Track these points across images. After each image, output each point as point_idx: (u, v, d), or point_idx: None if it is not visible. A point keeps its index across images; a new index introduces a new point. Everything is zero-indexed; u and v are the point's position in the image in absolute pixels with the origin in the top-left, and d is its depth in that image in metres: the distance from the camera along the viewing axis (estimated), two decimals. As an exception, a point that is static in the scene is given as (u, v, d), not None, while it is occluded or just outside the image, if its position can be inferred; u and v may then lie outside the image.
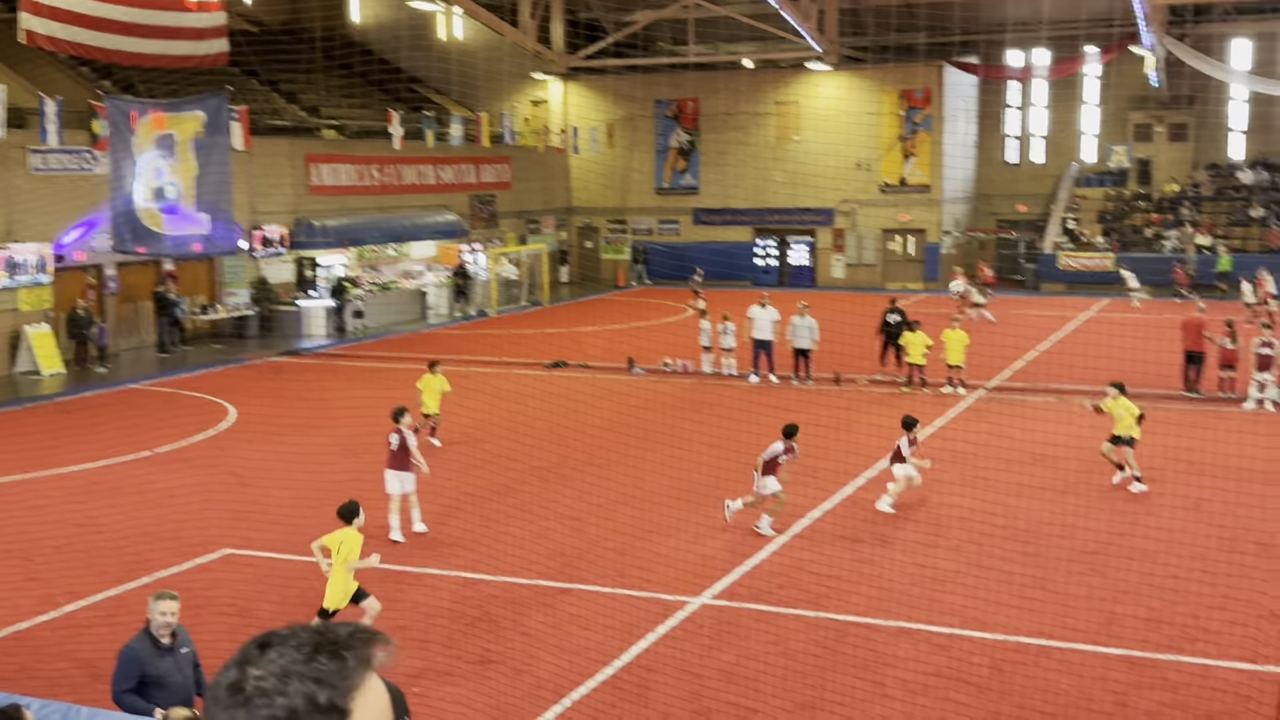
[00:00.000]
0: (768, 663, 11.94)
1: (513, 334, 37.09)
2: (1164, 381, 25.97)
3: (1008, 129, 53.05)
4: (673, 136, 51.90)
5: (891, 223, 49.06)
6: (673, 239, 52.02)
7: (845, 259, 50.00)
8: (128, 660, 8.58)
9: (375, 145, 41.11)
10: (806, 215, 49.93)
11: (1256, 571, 13.93)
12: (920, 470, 17.70)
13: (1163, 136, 50.30)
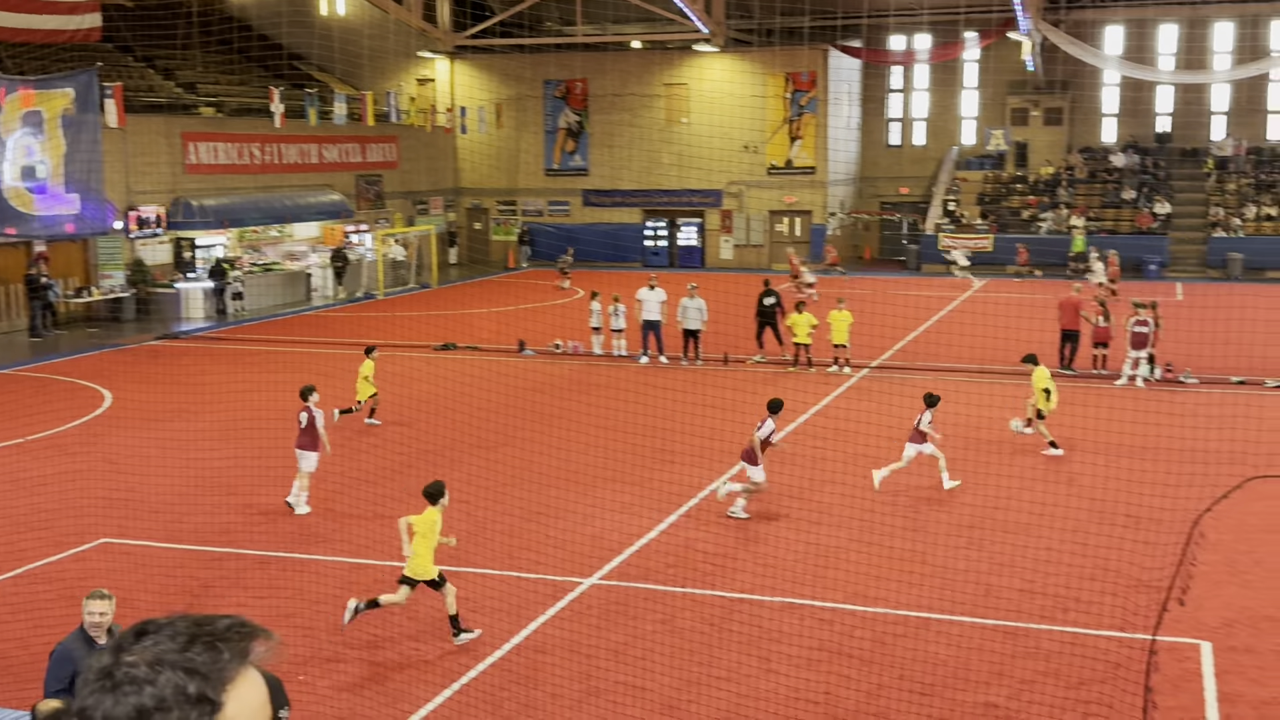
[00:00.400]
0: (657, 641, 12.03)
1: (400, 316, 36.66)
2: (1041, 360, 26.69)
3: (890, 112, 53.94)
4: (561, 117, 51.69)
5: (778, 204, 49.57)
6: (563, 220, 51.87)
7: (733, 240, 50.41)
8: (59, 660, 8.28)
9: (255, 123, 40.19)
10: (695, 197, 50.19)
11: (1127, 543, 14.43)
12: (920, 454, 17.69)
13: (1039, 120, 51.64)
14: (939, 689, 10.90)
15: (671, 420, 21.19)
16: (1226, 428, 19.81)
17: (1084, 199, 48.92)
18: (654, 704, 10.65)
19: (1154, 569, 13.36)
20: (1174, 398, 23.54)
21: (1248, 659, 11.46)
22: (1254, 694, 10.74)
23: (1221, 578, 13.65)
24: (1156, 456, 18.75)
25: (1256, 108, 49.89)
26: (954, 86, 52.86)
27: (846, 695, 10.79)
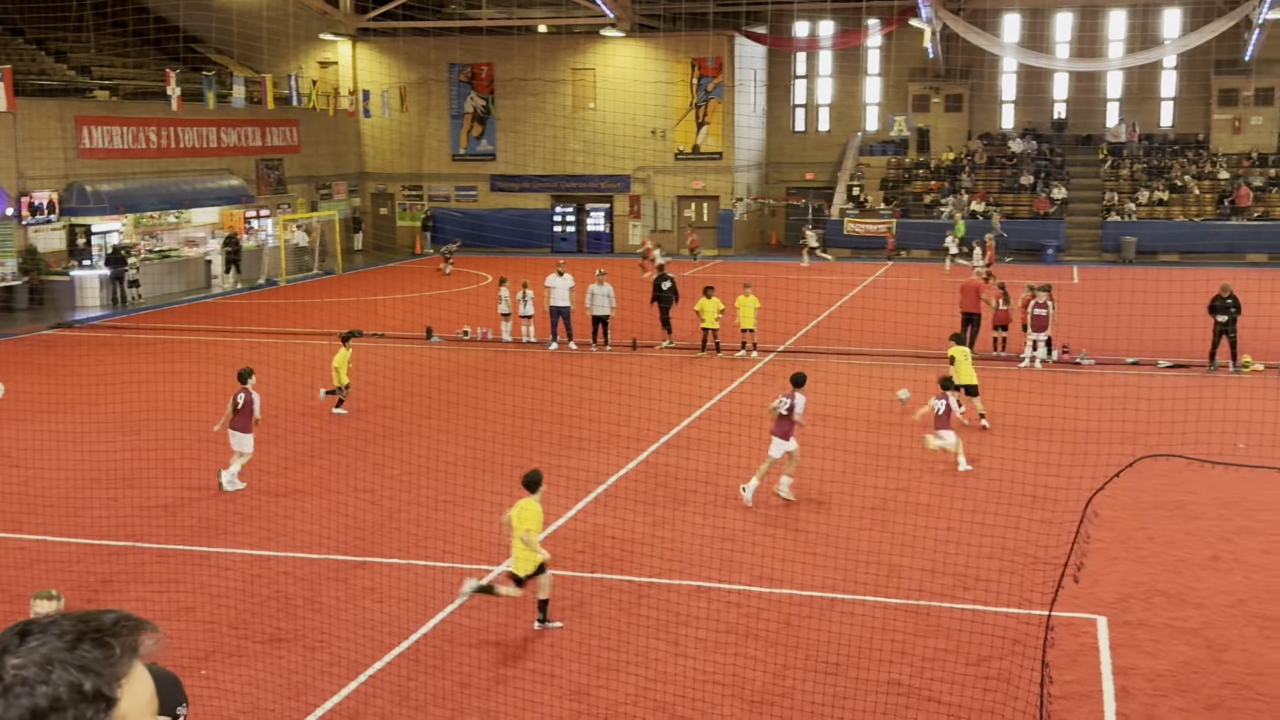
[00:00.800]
0: (567, 627, 12.04)
1: (304, 303, 36.09)
2: (941, 343, 27.21)
3: (796, 98, 54.40)
4: (468, 101, 51.25)
5: (686, 190, 49.74)
6: (470, 206, 51.50)
7: (641, 226, 50.47)
8: None
9: (152, 107, 39.21)
10: (603, 182, 50.15)
11: (1026, 522, 14.78)
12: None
13: (940, 107, 52.49)
14: (844, 668, 11.06)
15: (580, 407, 21.19)
16: (1120, 408, 20.38)
17: (984, 184, 49.86)
18: (564, 690, 10.67)
19: (1051, 547, 13.69)
20: (1070, 379, 24.14)
21: (1141, 632, 11.82)
22: (1148, 666, 11.08)
23: (1117, 554, 14.05)
24: (1053, 436, 19.22)
25: (1149, 95, 51.27)
26: (857, 73, 53.48)
27: (754, 676, 10.91)
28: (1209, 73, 49.36)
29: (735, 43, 48.48)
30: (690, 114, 49.28)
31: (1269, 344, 25.58)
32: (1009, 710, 10.06)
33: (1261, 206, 46.19)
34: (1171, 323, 26.31)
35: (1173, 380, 23.94)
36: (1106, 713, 10.17)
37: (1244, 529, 14.92)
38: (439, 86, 51.22)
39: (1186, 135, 50.73)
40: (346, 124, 49.93)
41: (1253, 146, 49.02)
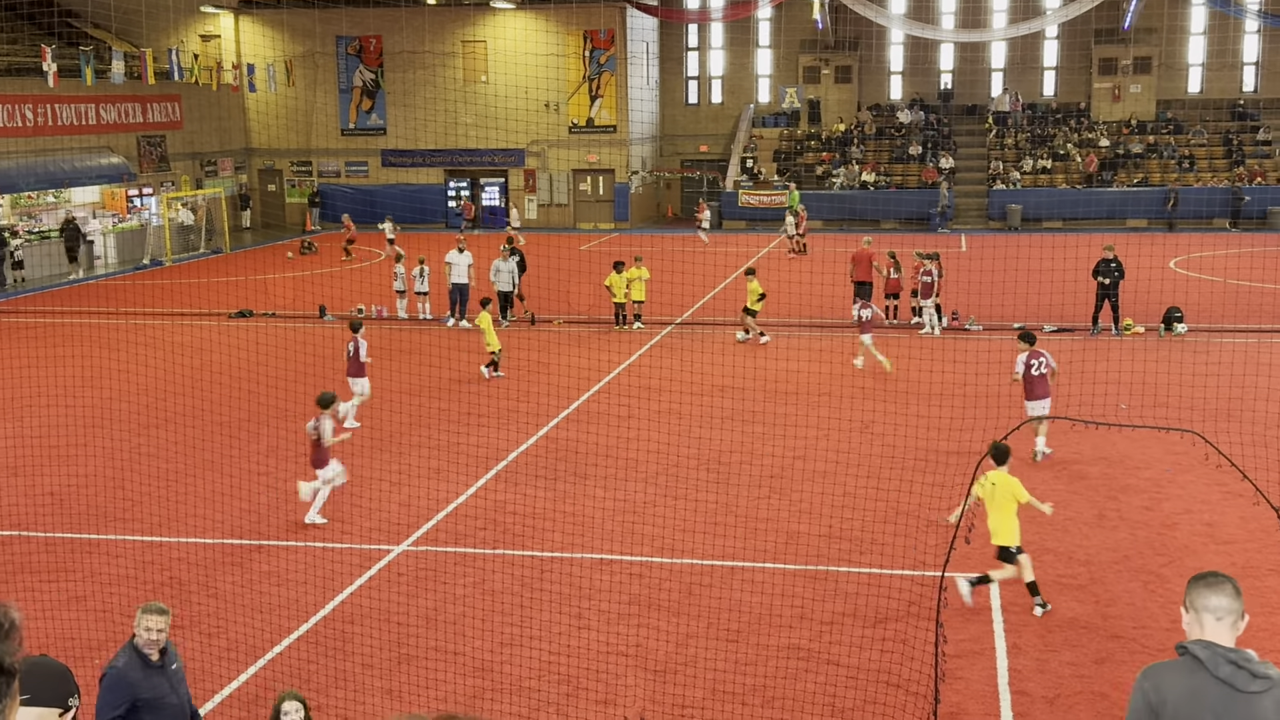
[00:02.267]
0: (470, 604, 12.01)
1: (191, 283, 35.24)
2: (836, 311, 27.62)
3: (689, 71, 54.49)
4: (356, 75, 50.38)
5: (581, 163, 49.59)
6: (362, 182, 50.71)
7: (537, 200, 50.23)
8: (115, 685, 7.31)
9: (27, 83, 37.81)
10: (498, 156, 49.76)
11: (919, 485, 15.10)
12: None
13: (830, 79, 53.01)
14: (746, 634, 11.22)
15: (480, 383, 21.08)
16: (1008, 372, 20.88)
17: (874, 155, 50.55)
18: (467, 667, 10.64)
19: (944, 509, 14.01)
20: (960, 345, 24.65)
21: (1030, 589, 12.16)
22: (1037, 621, 11.42)
23: (1006, 514, 14.42)
24: (944, 401, 19.64)
25: (1031, 65, 52.39)
26: (748, 45, 53.73)
27: (657, 646, 11.00)
28: (1089, 42, 50.60)
29: (627, 15, 48.35)
30: (583, 87, 49.09)
31: (1148, 307, 26.42)
32: (905, 670, 10.30)
33: (1141, 173, 47.57)
34: (1056, 288, 27.04)
35: (1058, 344, 24.58)
36: (999, 669, 10.46)
37: (1127, 487, 15.42)
38: (326, 60, 50.25)
39: (1068, 104, 51.97)
40: (231, 99, 48.74)
41: (1132, 114, 50.41)
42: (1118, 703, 9.80)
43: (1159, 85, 50.73)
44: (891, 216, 47.42)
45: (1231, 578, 4.61)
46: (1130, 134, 49.59)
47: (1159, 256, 36.21)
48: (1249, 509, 13.86)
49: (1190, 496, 14.90)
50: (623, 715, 9.73)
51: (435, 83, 49.27)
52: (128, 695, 7.29)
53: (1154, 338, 25.22)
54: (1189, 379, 19.99)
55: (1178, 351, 23.10)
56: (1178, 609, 11.59)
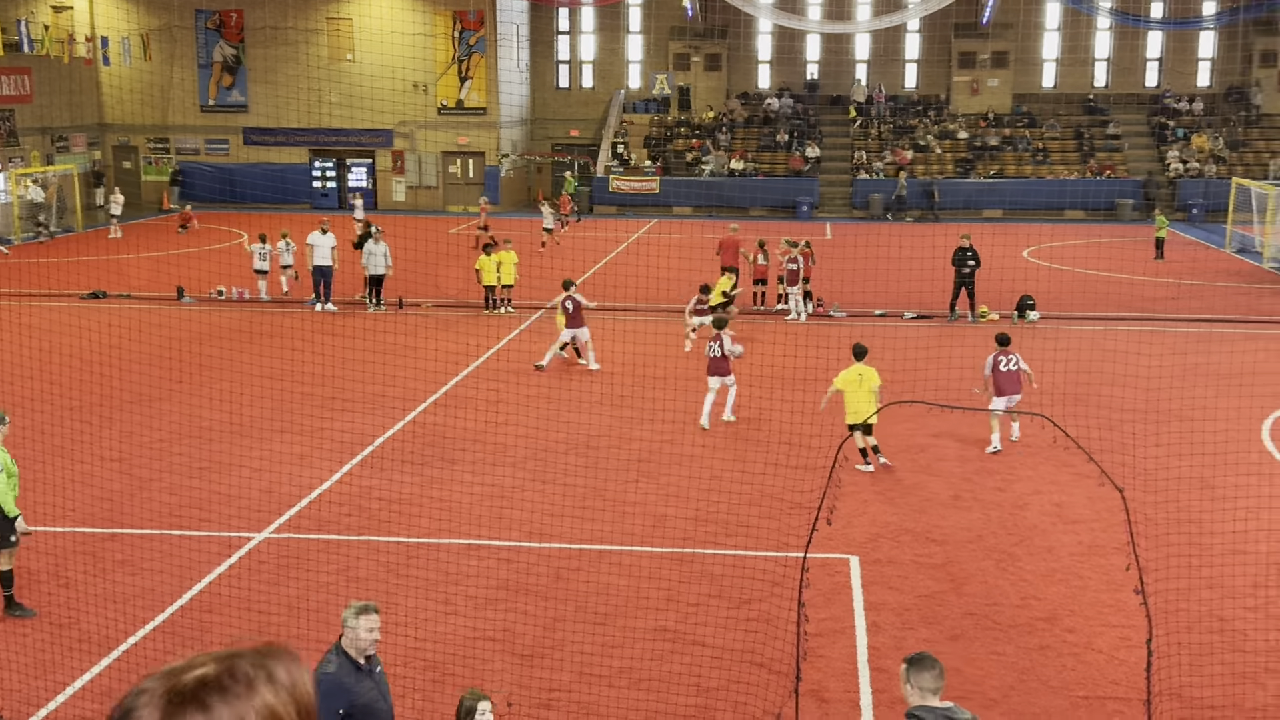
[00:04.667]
0: (334, 592, 11.83)
1: (40, 263, 33.87)
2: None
3: (559, 54, 54.30)
4: (216, 50, 48.94)
5: (451, 145, 49.06)
6: (222, 160, 49.34)
7: (405, 182, 49.55)
8: (332, 690, 6.83)
9: None
10: (364, 137, 48.92)
11: (785, 469, 15.38)
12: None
13: (700, 66, 53.39)
14: (614, 617, 11.29)
15: (346, 367, 20.74)
16: (871, 358, 21.36)
17: (742, 143, 51.11)
18: (333, 655, 10.48)
19: (808, 491, 14.30)
20: (824, 331, 25.13)
21: (890, 569, 12.51)
22: (895, 600, 11.75)
23: (868, 496, 14.79)
24: (809, 386, 19.99)
25: (894, 57, 53.55)
26: (619, 30, 53.77)
27: (525, 630, 11.00)
28: (949, 36, 51.92)
29: (497, -4, 47.96)
30: (453, 68, 48.53)
31: (1003, 295, 27.29)
32: (769, 649, 10.49)
33: (997, 164, 49.03)
34: (915, 275, 27.73)
35: (917, 330, 25.25)
36: (859, 647, 10.73)
37: (981, 469, 15.94)
38: (185, 34, 48.72)
39: (929, 96, 53.27)
40: (84, 73, 46.90)
41: (989, 107, 51.91)
42: (970, 678, 10.14)
43: (1015, 79, 52.33)
44: (760, 204, 48.03)
45: (936, 661, 6.38)
46: (987, 126, 51.07)
47: (1013, 246, 37.43)
48: (1095, 490, 14.45)
49: (1040, 478, 15.47)
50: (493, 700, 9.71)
51: (299, 60, 48.15)
52: (343, 701, 6.85)
53: (1008, 324, 26.06)
54: (1041, 364, 20.72)
55: (1030, 338, 23.90)
56: (1029, 587, 12.04)
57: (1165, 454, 16.23)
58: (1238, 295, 29.65)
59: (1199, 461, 15.94)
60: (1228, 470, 15.54)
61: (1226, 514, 13.97)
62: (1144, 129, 51.32)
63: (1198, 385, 20.03)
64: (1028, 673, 10.26)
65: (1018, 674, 10.24)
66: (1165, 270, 33.82)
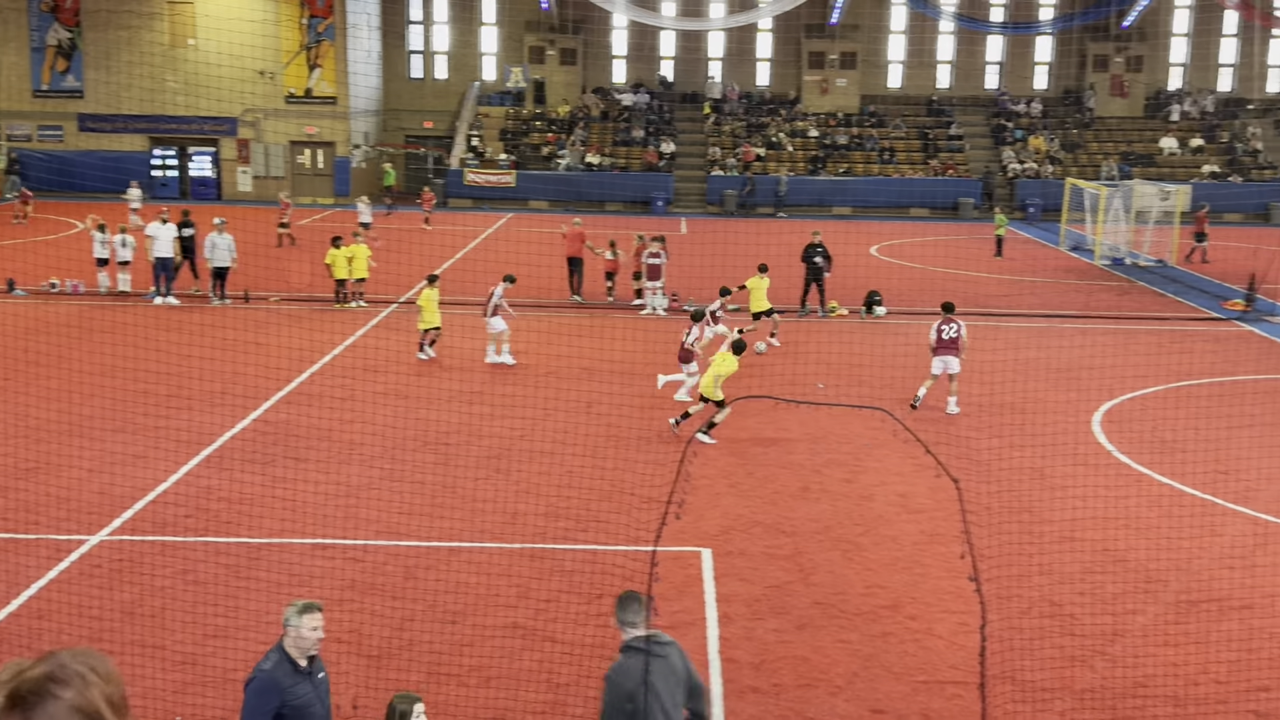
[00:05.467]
0: (174, 595, 11.46)
1: None
2: (555, 292, 27.88)
3: (411, 44, 53.54)
4: (50, 33, 46.91)
5: (299, 135, 47.97)
6: (56, 147, 47.31)
7: (252, 171, 48.27)
8: (265, 690, 6.75)
9: None
10: (208, 124, 47.50)
11: (638, 463, 15.47)
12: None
13: (555, 60, 53.28)
14: (466, 614, 11.19)
15: (188, 363, 20.09)
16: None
17: (598, 137, 51.18)
18: (171, 660, 10.17)
19: (661, 485, 14.41)
20: (680, 325, 25.33)
21: (741, 561, 12.69)
22: (746, 592, 11.92)
23: (720, 489, 14.97)
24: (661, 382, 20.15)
25: (747, 55, 54.28)
26: (473, 22, 53.30)
27: (375, 630, 10.83)
28: (799, 36, 52.87)
29: (347, -16, 47.05)
30: (301, 56, 47.45)
31: (852, 290, 27.91)
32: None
33: (846, 163, 50.13)
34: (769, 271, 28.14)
35: (768, 324, 25.64)
36: (709, 638, 10.85)
37: (830, 461, 16.28)
38: (16, 15, 46.56)
39: (781, 95, 54.16)
40: (-97, 52, 44.45)
41: (838, 107, 53.05)
42: (817, 665, 10.36)
43: (863, 80, 53.57)
44: (616, 199, 48.18)
45: (638, 595, 7.20)
46: (837, 126, 52.17)
47: (861, 243, 38.36)
48: (936, 480, 14.90)
49: (885, 469, 15.87)
50: (335, 702, 9.53)
51: (138, 44, 46.50)
52: (275, 700, 6.75)
53: (856, 320, 26.67)
54: (887, 359, 21.27)
55: (877, 333, 24.52)
56: (874, 575, 12.35)
57: (1002, 445, 16.83)
58: (1071, 292, 30.91)
59: (1033, 452, 16.58)
60: (1060, 461, 16.20)
61: (1059, 503, 14.56)
62: (984, 130, 53.10)
63: (1033, 379, 20.83)
64: (871, 659, 10.53)
65: (862, 660, 10.49)
66: (1004, 267, 35.06)
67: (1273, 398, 20.05)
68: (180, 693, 9.65)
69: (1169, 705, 9.83)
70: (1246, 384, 20.99)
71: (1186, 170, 50.16)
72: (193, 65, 45.99)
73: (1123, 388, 20.14)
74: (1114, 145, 51.63)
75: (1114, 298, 30.05)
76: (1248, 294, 28.32)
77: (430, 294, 21.45)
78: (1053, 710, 9.68)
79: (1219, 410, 18.62)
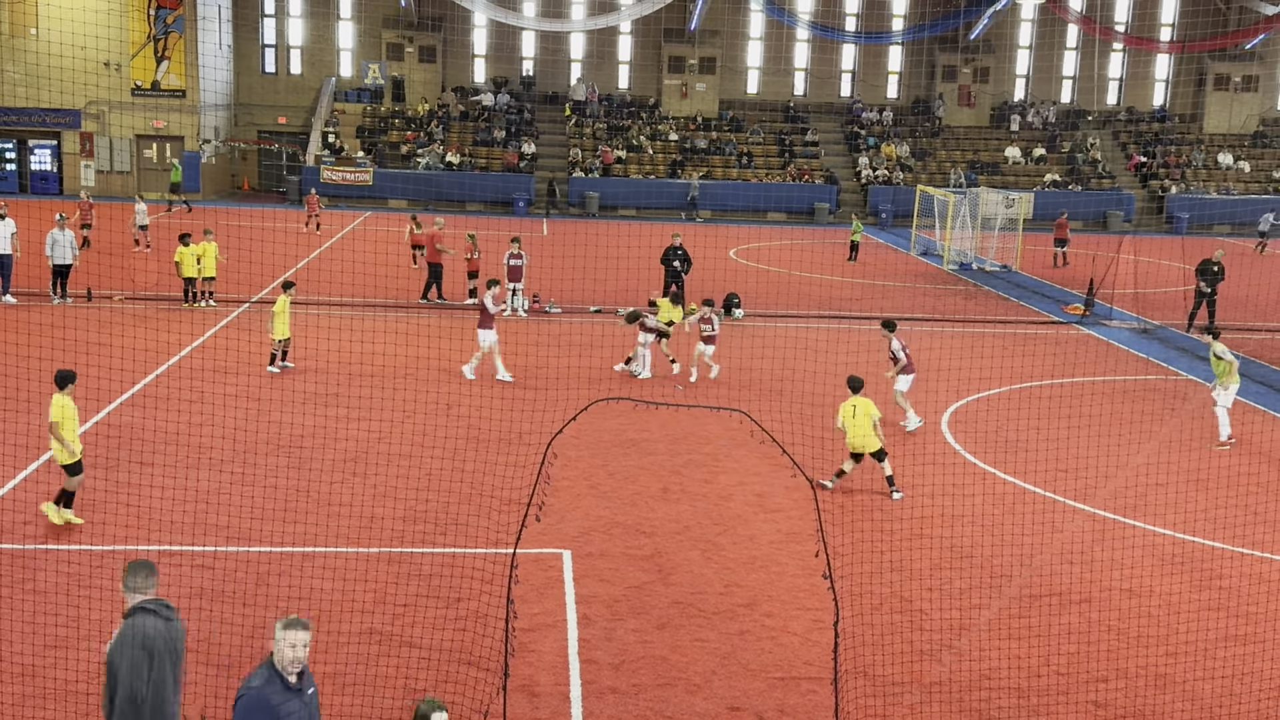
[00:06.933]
0: (12, 605, 10.98)
1: None
2: (411, 293, 27.55)
3: (265, 38, 52.31)
4: (-125, 15, 44.44)
5: (147, 129, 46.43)
6: (-119, 136, 44.89)
7: (96, 165, 46.53)
8: (253, 707, 6.57)
9: None
10: (49, 116, 45.62)
11: (499, 465, 15.38)
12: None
13: (414, 57, 52.65)
14: (321, 620, 10.98)
15: (24, 364, 19.25)
16: (584, 354, 21.70)
17: (458, 136, 50.75)
18: (8, 673, 9.73)
19: (521, 488, 14.36)
20: (541, 327, 25.30)
21: (602, 562, 12.73)
22: (606, 592, 11.96)
23: (581, 491, 14.99)
24: (525, 382, 20.10)
25: (608, 58, 54.47)
26: (329, 17, 52.34)
27: (225, 639, 10.54)
28: (660, 41, 53.28)
29: (197, -26, 45.72)
30: (149, 47, 45.94)
31: (712, 292, 28.22)
32: (479, 647, 10.47)
33: (705, 167, 50.68)
34: (628, 273, 28.33)
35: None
36: (570, 640, 10.86)
37: (690, 462, 16.45)
38: None
39: (641, 98, 54.49)
40: None
41: (698, 111, 53.61)
42: (676, 664, 10.45)
43: (721, 85, 54.25)
44: (476, 199, 47.84)
45: (149, 562, 7.22)
46: (696, 130, 52.72)
47: (720, 246, 38.86)
48: (792, 480, 15.19)
49: (743, 470, 16.10)
50: (182, 715, 9.26)
51: (-26, 31, 44.42)
52: (264, 717, 6.58)
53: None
54: (744, 360, 21.58)
55: (736, 335, 24.85)
56: (732, 574, 12.52)
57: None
58: (922, 295, 31.82)
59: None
60: (911, 460, 16.66)
61: (909, 501, 14.97)
62: (839, 137, 54.29)
63: (884, 380, 21.37)
64: (729, 657, 10.67)
65: (720, 659, 10.63)
66: (858, 271, 35.90)
67: (1110, 398, 20.97)
68: (19, 705, 9.26)
69: (1013, 696, 10.19)
70: (1085, 385, 21.90)
71: (1030, 179, 52.11)
72: (34, 55, 44.12)
73: (969, 389, 20.81)
74: (961, 153, 53.33)
75: (961, 301, 31.04)
76: (1087, 299, 29.55)
77: (283, 300, 20.60)
78: (903, 704, 9.95)
79: (1059, 410, 19.39)
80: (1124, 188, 52.37)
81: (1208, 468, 16.89)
